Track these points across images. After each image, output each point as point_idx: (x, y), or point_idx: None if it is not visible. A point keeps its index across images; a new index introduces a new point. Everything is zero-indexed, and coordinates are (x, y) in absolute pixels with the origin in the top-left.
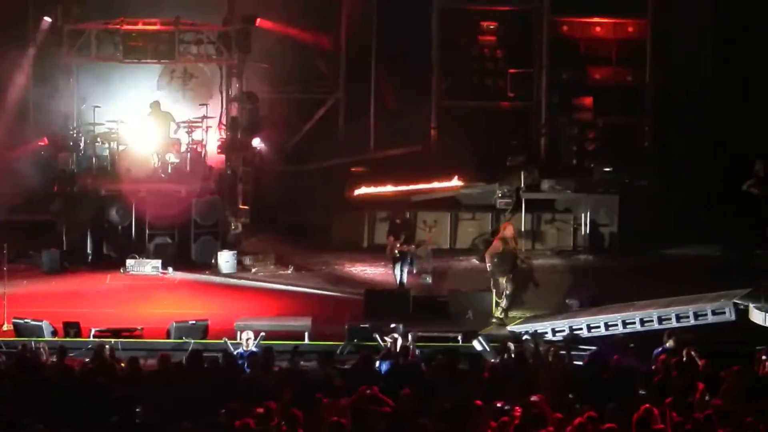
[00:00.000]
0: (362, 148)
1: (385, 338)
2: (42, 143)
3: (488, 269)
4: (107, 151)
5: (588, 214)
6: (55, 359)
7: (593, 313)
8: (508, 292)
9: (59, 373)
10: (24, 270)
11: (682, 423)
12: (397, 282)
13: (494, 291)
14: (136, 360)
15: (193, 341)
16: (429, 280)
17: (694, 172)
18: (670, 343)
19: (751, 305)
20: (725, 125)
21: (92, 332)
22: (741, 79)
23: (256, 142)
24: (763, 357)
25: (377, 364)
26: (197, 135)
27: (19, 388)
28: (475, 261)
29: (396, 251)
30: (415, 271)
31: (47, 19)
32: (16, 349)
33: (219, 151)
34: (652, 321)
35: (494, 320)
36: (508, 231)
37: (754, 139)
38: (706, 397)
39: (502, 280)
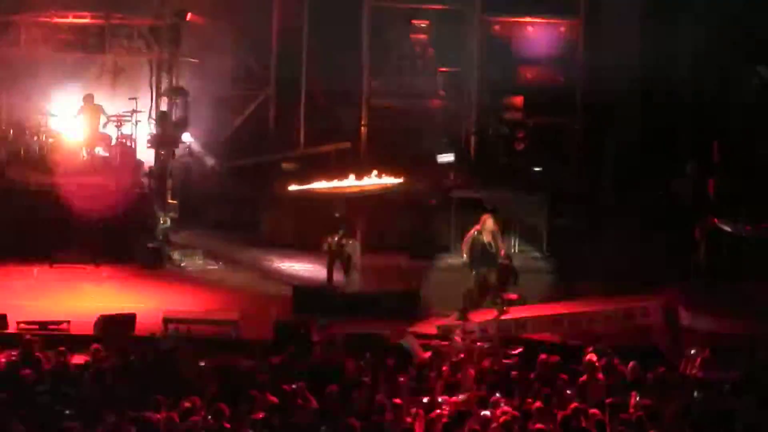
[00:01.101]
0: (292, 145)
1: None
2: None
3: (465, 261)
4: (36, 143)
5: (518, 214)
6: None
7: (522, 313)
8: (493, 281)
9: None
10: None
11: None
12: (329, 278)
13: (466, 285)
14: (63, 353)
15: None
16: (344, 277)
17: (624, 172)
18: (598, 346)
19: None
20: (654, 125)
21: (19, 325)
22: (669, 79)
23: (186, 137)
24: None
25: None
26: (127, 129)
27: None
28: (403, 258)
29: (330, 246)
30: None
31: None
32: None
33: (149, 145)
34: (580, 322)
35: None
36: (488, 224)
37: (683, 139)
38: (637, 398)
39: (478, 274)
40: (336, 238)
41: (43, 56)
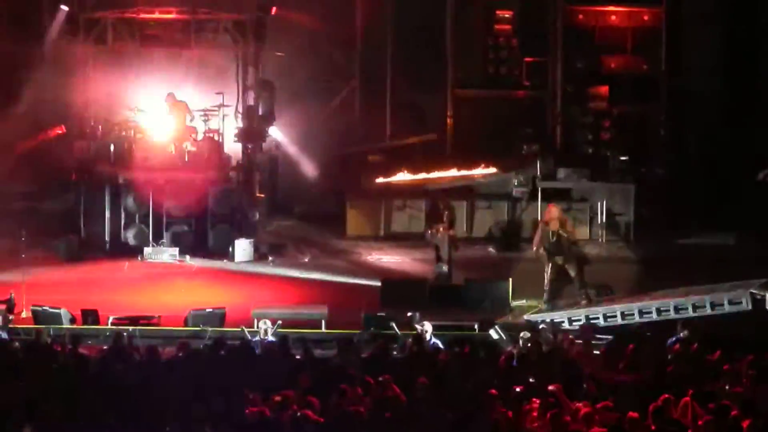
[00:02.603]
0: (378, 137)
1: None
2: (59, 131)
3: (538, 254)
4: (124, 139)
5: (604, 203)
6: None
7: (609, 303)
8: (573, 273)
9: (74, 360)
10: (42, 257)
11: (703, 414)
12: (438, 274)
13: (546, 277)
14: (154, 348)
15: (210, 329)
16: (445, 268)
17: (709, 160)
18: (684, 333)
19: None
20: (740, 114)
21: (110, 320)
22: (754, 67)
23: (273, 131)
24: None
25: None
26: (214, 123)
27: (34, 375)
28: (491, 250)
29: (437, 235)
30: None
31: (64, 8)
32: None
33: (236, 139)
34: (668, 311)
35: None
36: (553, 213)
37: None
38: (726, 387)
39: (555, 264)
40: (441, 228)
41: (130, 52)
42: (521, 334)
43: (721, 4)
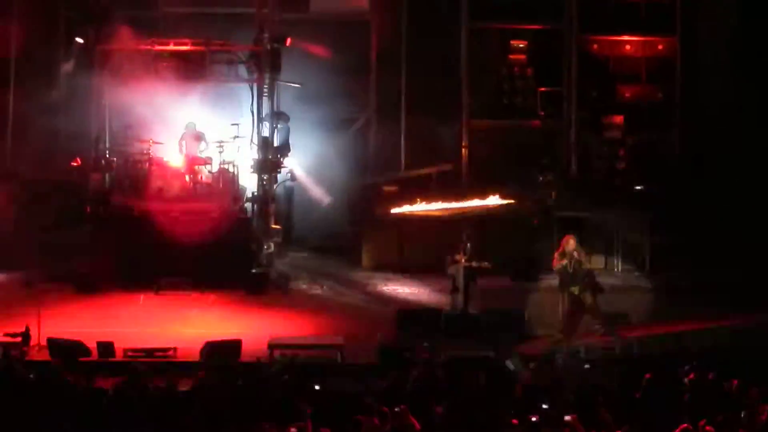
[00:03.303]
0: (393, 167)
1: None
2: (74, 164)
3: (558, 285)
4: (139, 171)
5: (619, 232)
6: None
7: (626, 332)
8: (589, 303)
9: (89, 393)
10: (57, 290)
11: None
12: (459, 304)
13: (561, 306)
14: (170, 380)
15: (226, 361)
16: (461, 298)
17: (726, 188)
18: (701, 362)
19: None
20: (756, 142)
21: (126, 352)
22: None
23: (288, 162)
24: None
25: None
26: (229, 154)
27: (47, 407)
28: (507, 279)
29: (455, 268)
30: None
31: (79, 39)
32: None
33: (251, 170)
34: (684, 339)
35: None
36: (569, 245)
37: None
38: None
39: (571, 294)
40: (462, 258)
41: (145, 84)
42: (531, 364)
43: (736, 32)
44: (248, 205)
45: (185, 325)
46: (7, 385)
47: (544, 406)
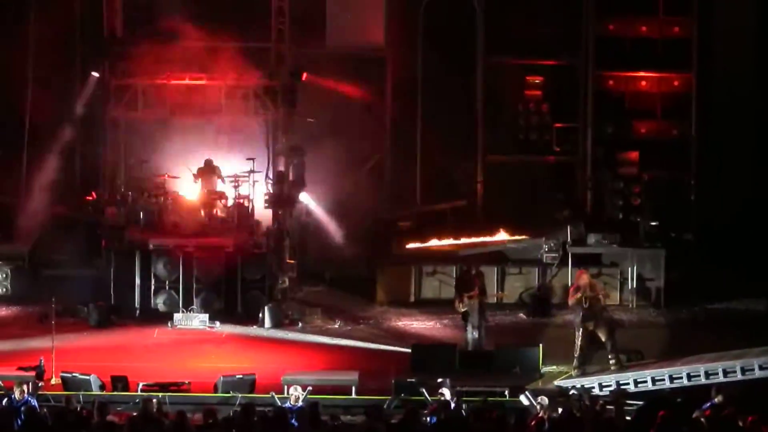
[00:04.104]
0: (408, 202)
1: (442, 391)
2: (90, 198)
3: (574, 320)
4: (155, 205)
5: (634, 268)
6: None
7: (640, 368)
8: (604, 338)
9: (103, 427)
10: (72, 324)
11: None
12: (469, 341)
13: (576, 342)
14: (184, 414)
15: (240, 395)
16: (475, 334)
17: (740, 225)
18: (718, 399)
19: None
20: None
21: (140, 386)
22: None
23: (303, 196)
24: None
25: (428, 419)
26: (244, 189)
27: None
28: (522, 315)
29: (463, 305)
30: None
31: (95, 74)
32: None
33: (266, 205)
34: (699, 376)
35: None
36: (582, 280)
37: None
38: None
39: (586, 329)
40: (473, 294)
41: (161, 118)
42: (539, 399)
43: (750, 69)
44: (263, 239)
45: (200, 359)
46: (21, 419)
47: None
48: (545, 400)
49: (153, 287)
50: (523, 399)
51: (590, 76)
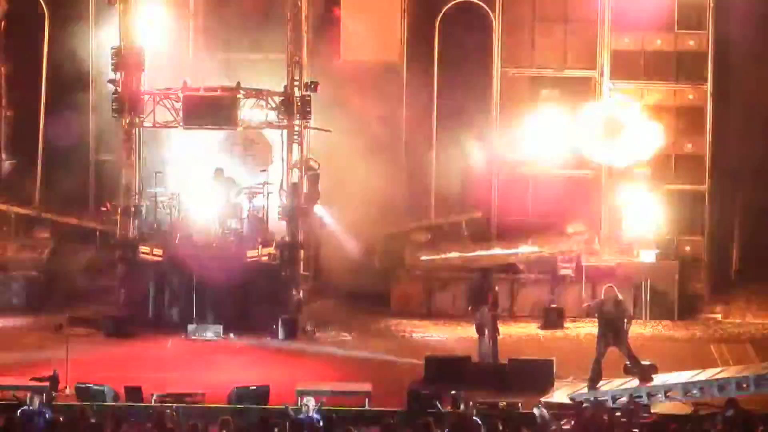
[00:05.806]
0: (423, 215)
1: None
2: (104, 209)
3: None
4: (169, 216)
5: (648, 281)
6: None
7: (653, 381)
8: (624, 352)
9: None
10: (86, 334)
11: None
12: (482, 353)
13: (596, 354)
14: (197, 425)
15: (254, 407)
16: (488, 346)
17: (754, 239)
18: (730, 412)
19: None
20: None
21: (154, 397)
22: None
23: (317, 208)
24: None
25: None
26: (258, 201)
27: None
28: (535, 327)
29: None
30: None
31: (109, 85)
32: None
33: (280, 217)
34: (712, 389)
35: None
36: (609, 293)
37: None
38: None
39: (607, 343)
40: (487, 309)
41: (176, 130)
42: (541, 411)
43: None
44: (277, 251)
45: (214, 370)
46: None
47: None
48: (543, 413)
49: (167, 298)
50: (536, 411)
51: (604, 89)
